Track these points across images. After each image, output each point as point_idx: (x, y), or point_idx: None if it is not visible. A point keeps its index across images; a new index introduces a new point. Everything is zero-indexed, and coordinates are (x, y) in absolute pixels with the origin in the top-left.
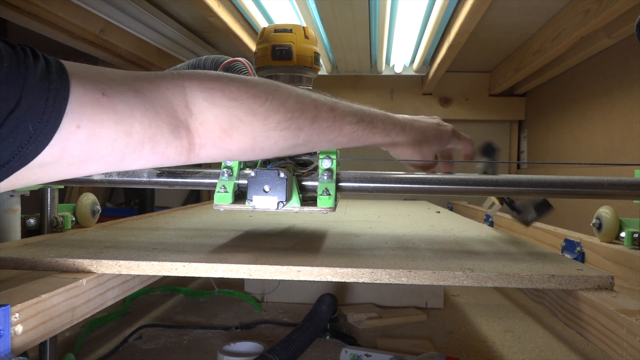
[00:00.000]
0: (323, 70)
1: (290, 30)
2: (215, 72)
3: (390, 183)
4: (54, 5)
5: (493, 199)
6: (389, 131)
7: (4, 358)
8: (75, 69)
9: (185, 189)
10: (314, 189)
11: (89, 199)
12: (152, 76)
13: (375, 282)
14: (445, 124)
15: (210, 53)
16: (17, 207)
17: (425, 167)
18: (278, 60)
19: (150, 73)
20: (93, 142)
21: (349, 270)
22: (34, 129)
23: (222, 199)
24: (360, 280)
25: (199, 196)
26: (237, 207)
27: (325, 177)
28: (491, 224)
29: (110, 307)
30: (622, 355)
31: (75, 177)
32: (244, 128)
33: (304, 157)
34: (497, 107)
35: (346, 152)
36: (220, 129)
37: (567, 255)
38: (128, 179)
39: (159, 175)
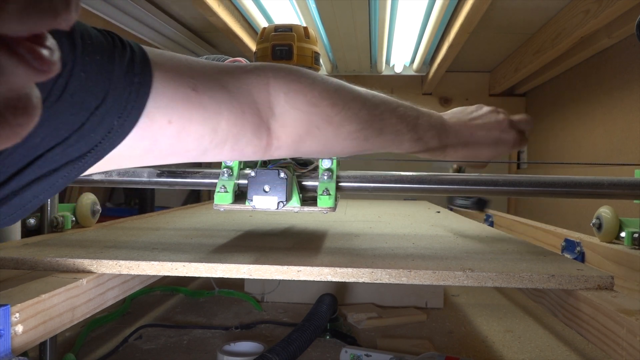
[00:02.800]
0: (323, 70)
1: (290, 30)
2: (296, 69)
3: (390, 183)
4: None
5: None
6: (443, 143)
7: (4, 358)
8: (161, 60)
9: (185, 189)
10: (314, 189)
11: (89, 199)
12: (237, 70)
13: (375, 282)
14: (500, 116)
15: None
16: None
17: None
18: (278, 60)
19: (234, 66)
20: (182, 137)
21: (349, 270)
22: (115, 124)
23: (222, 199)
24: (360, 280)
25: (199, 196)
26: (237, 207)
27: (325, 177)
28: (491, 224)
29: (110, 307)
30: (622, 355)
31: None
32: (318, 135)
33: (304, 157)
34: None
35: None
36: (297, 133)
37: (567, 255)
38: (128, 179)
39: (159, 175)
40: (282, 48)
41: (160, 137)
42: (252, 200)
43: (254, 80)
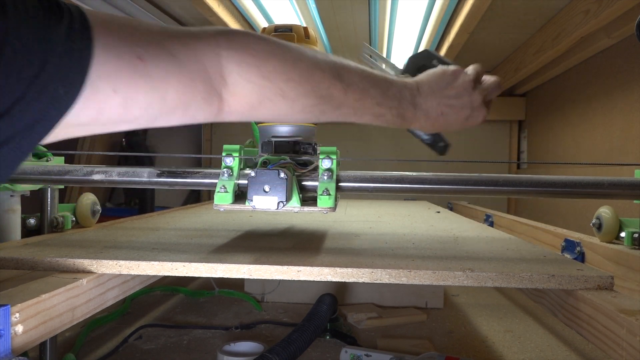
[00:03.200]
0: None
1: (290, 30)
2: (253, 37)
3: (390, 183)
4: None
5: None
6: (408, 119)
7: (4, 358)
8: (103, 25)
9: (185, 189)
10: (314, 189)
11: (89, 199)
12: (187, 36)
13: (375, 282)
14: (475, 96)
15: None
16: (17, 207)
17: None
18: None
19: (182, 31)
20: (129, 106)
21: (349, 270)
22: (58, 93)
23: (222, 199)
24: (360, 280)
25: (199, 196)
26: (237, 207)
27: (325, 177)
28: (491, 224)
29: (110, 307)
30: (622, 355)
31: (75, 178)
32: (271, 106)
33: (304, 157)
34: (497, 107)
35: (346, 152)
36: (249, 103)
37: (567, 255)
38: (128, 179)
39: (159, 175)
40: None
41: (107, 106)
42: (252, 200)
43: (205, 49)
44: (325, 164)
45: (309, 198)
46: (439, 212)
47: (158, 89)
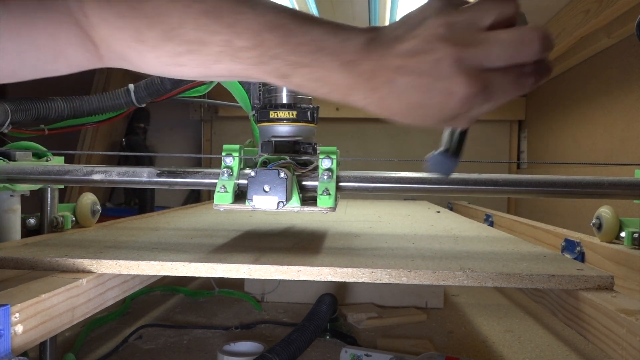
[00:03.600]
0: None
1: None
2: None
3: (390, 183)
4: None
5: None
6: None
7: (4, 358)
8: None
9: (185, 189)
10: (314, 189)
11: (89, 199)
12: None
13: (375, 282)
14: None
15: None
16: (17, 207)
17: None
18: None
19: None
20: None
21: (349, 270)
22: None
23: (222, 199)
24: (360, 280)
25: (199, 196)
26: (237, 207)
27: (325, 177)
28: (491, 224)
29: (110, 307)
30: (622, 355)
31: (75, 178)
32: (139, 51)
33: (304, 157)
34: None
35: (346, 152)
36: (124, 42)
37: (567, 255)
38: (128, 179)
39: (159, 175)
40: None
41: None
42: (252, 200)
43: None
44: (325, 163)
45: (309, 198)
46: (439, 212)
47: (26, 34)
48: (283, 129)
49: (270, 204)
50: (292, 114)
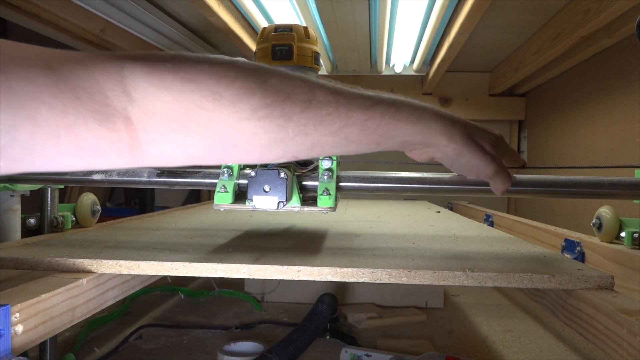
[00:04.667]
0: (323, 70)
1: (291, 30)
2: (167, 52)
3: (390, 183)
4: (54, 4)
5: None
6: (419, 116)
7: (4, 358)
8: None
9: (185, 189)
10: (314, 189)
11: (89, 199)
12: (86, 57)
13: (375, 282)
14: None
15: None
16: (17, 207)
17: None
18: (278, 60)
19: (87, 54)
20: None
21: (349, 270)
22: None
23: (222, 199)
24: (360, 280)
25: (199, 196)
26: (237, 207)
27: (325, 177)
28: (491, 224)
29: (110, 307)
30: (622, 355)
31: (75, 178)
32: (206, 117)
33: (304, 158)
34: (497, 107)
35: None
36: (172, 118)
37: (567, 255)
38: (128, 179)
39: (159, 175)
40: (282, 48)
41: None
42: (252, 200)
43: (101, 63)
44: (325, 164)
45: (309, 198)
46: (439, 212)
47: (23, 106)
48: None
49: (270, 204)
50: None
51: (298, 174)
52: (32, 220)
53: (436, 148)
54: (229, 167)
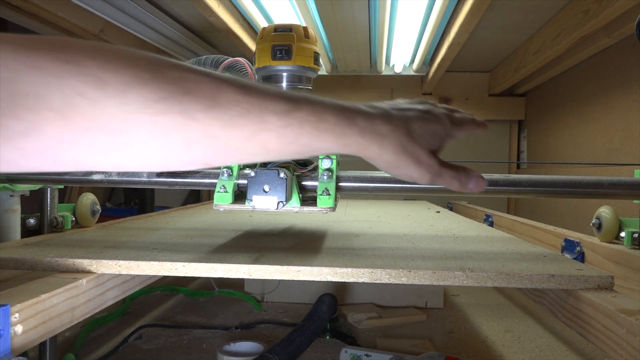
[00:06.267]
0: (323, 70)
1: (290, 30)
2: (51, 37)
3: (390, 183)
4: (54, 4)
5: None
6: (344, 128)
7: (4, 358)
8: None
9: (185, 189)
10: (313, 189)
11: (88, 199)
12: None
13: (375, 282)
14: (438, 109)
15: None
16: (17, 207)
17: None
18: (278, 60)
19: None
20: None
21: (349, 270)
22: None
23: (222, 199)
24: (360, 280)
25: (199, 196)
26: (237, 207)
27: (325, 177)
28: (491, 224)
29: (110, 307)
30: (622, 355)
31: (75, 178)
32: (89, 107)
33: (304, 157)
34: (497, 107)
35: None
36: (48, 106)
37: (567, 255)
38: (128, 179)
39: (159, 175)
40: (282, 48)
41: None
42: (252, 200)
43: None
44: (325, 163)
45: (308, 198)
46: (439, 212)
47: None
48: None
49: (270, 204)
50: None
51: (298, 174)
52: (31, 221)
53: (369, 159)
54: (229, 167)
